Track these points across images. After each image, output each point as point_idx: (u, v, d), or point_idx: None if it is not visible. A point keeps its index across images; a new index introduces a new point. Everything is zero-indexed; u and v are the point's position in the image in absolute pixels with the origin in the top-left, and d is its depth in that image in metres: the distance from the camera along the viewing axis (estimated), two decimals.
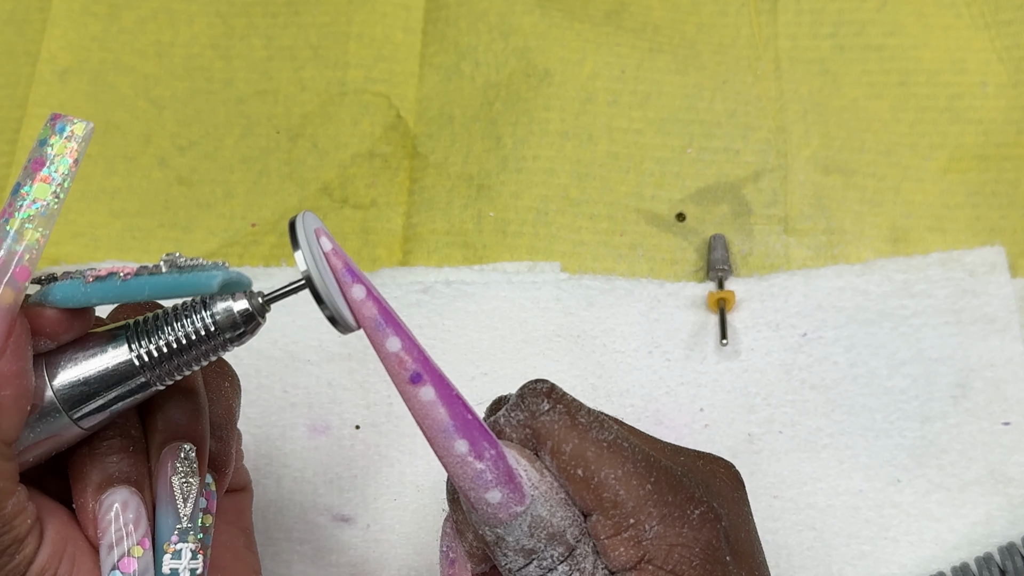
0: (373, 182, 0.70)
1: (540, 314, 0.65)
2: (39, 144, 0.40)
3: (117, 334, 0.41)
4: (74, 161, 0.40)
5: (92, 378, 0.41)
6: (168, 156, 0.72)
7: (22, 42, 0.76)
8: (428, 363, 0.39)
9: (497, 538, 0.40)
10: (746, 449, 0.61)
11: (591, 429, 0.42)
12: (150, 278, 0.39)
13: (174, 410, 0.43)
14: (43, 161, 0.39)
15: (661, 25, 0.72)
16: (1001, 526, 0.59)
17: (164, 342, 0.40)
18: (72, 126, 0.40)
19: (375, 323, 0.39)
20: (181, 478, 0.42)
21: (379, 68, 0.74)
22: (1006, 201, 0.66)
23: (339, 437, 0.63)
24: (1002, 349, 0.62)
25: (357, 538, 0.62)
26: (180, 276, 0.39)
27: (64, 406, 0.40)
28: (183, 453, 0.43)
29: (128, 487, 0.42)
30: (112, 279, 0.39)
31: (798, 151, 0.68)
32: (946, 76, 0.70)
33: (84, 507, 0.42)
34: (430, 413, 0.39)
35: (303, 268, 0.39)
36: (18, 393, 0.39)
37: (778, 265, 0.66)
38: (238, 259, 0.69)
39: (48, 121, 0.40)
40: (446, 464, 0.40)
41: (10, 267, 0.38)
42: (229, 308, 0.40)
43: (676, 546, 0.40)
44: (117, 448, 0.42)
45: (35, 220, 0.39)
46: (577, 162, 0.69)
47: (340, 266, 0.39)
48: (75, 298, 0.39)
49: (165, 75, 0.75)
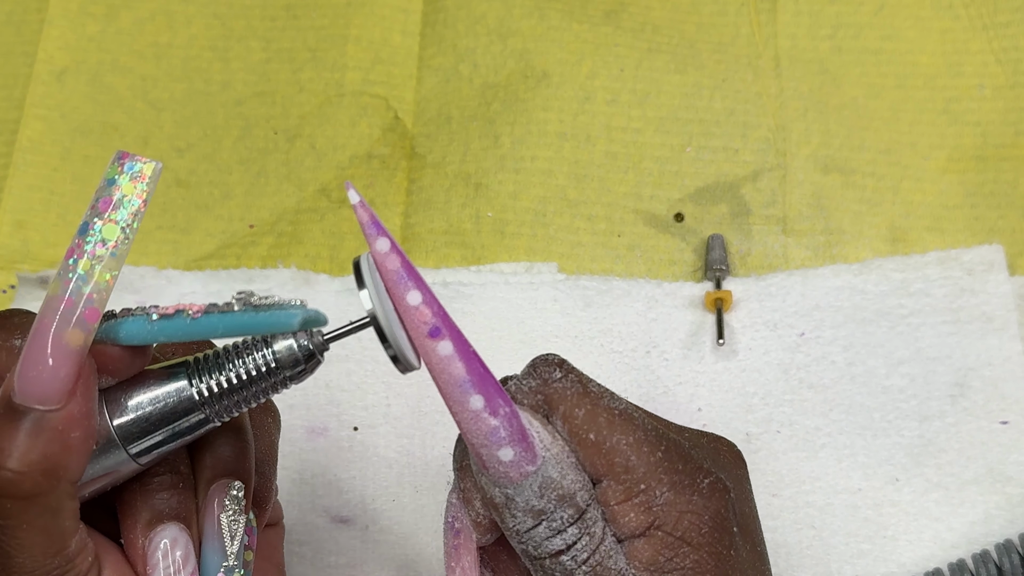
0: (371, 183, 0.70)
1: (538, 315, 0.65)
2: (106, 183, 0.39)
3: (176, 371, 0.41)
4: (143, 202, 0.39)
5: (152, 414, 0.41)
6: (166, 158, 0.72)
7: (19, 42, 0.76)
8: (447, 318, 0.39)
9: (506, 499, 0.40)
10: (744, 448, 0.61)
11: (603, 397, 0.42)
12: (223, 316, 0.39)
13: (223, 447, 0.44)
14: (111, 201, 0.39)
15: (660, 25, 0.72)
16: (999, 525, 0.59)
17: (224, 378, 0.41)
18: (142, 165, 0.39)
19: (397, 276, 0.39)
20: (229, 516, 0.43)
21: (377, 70, 0.74)
22: (1004, 201, 0.66)
23: (337, 439, 0.63)
24: (1000, 348, 0.62)
25: (356, 539, 0.61)
26: (257, 315, 0.39)
27: (124, 442, 0.40)
28: (232, 491, 0.43)
29: (177, 524, 0.42)
30: (180, 317, 0.39)
31: (797, 150, 0.68)
32: (944, 80, 0.70)
33: (134, 543, 0.42)
34: (447, 368, 0.39)
35: (368, 307, 0.39)
36: (86, 434, 0.39)
37: (776, 265, 0.66)
38: (235, 260, 0.69)
39: (116, 160, 0.39)
40: (460, 420, 0.40)
41: (79, 308, 0.38)
42: (291, 347, 0.40)
43: (686, 513, 0.41)
44: (168, 485, 0.42)
45: (104, 261, 0.38)
46: (575, 162, 0.69)
47: (367, 218, 0.39)
48: (141, 336, 0.39)
49: (163, 77, 0.75)
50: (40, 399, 0.37)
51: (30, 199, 0.72)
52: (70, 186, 0.72)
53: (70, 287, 0.38)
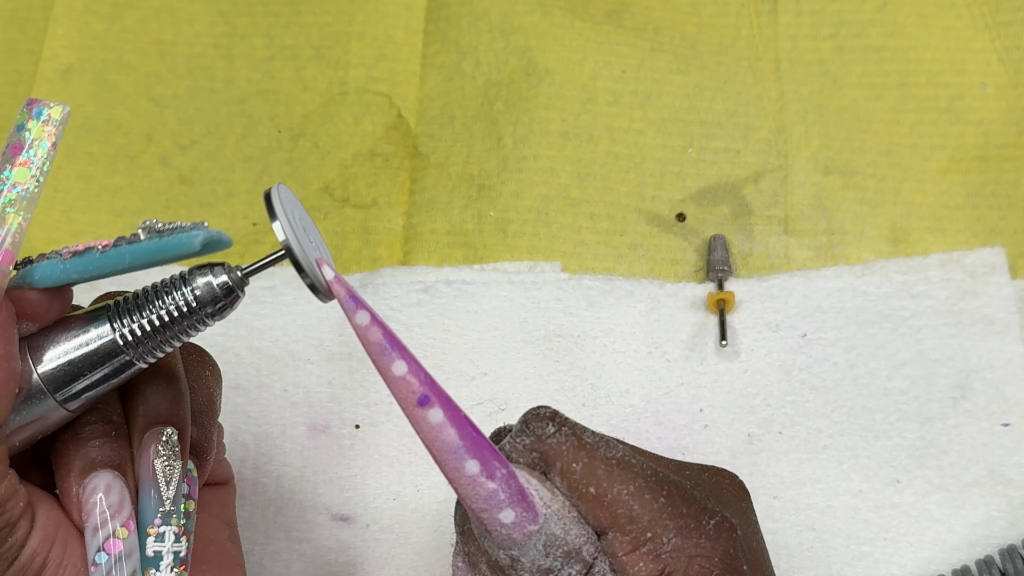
0: (374, 182, 0.71)
1: (540, 314, 0.65)
2: (16, 129, 0.39)
3: (98, 315, 0.41)
4: (52, 144, 0.39)
5: (76, 359, 0.41)
6: (170, 155, 0.73)
7: (24, 40, 0.76)
8: (435, 385, 0.39)
9: (512, 561, 0.40)
10: (746, 450, 0.61)
11: (598, 448, 0.41)
12: (130, 247, 0.39)
13: (155, 395, 0.43)
14: (21, 146, 0.39)
15: (662, 25, 0.72)
16: (1001, 527, 0.59)
17: (146, 319, 0.40)
18: (49, 110, 0.40)
19: (381, 348, 0.39)
20: (163, 461, 0.43)
21: (380, 68, 0.74)
22: (1006, 202, 0.66)
23: (339, 436, 0.63)
24: (1002, 350, 0.62)
25: (356, 537, 0.62)
26: (161, 240, 0.39)
27: (49, 388, 0.41)
28: (165, 437, 0.43)
29: (111, 471, 0.42)
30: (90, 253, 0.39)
31: (798, 151, 0.68)
32: (946, 77, 0.69)
33: (68, 491, 0.42)
34: (439, 435, 0.39)
35: (282, 238, 0.39)
36: (6, 376, 0.39)
37: (778, 266, 0.66)
38: (239, 258, 0.69)
39: (24, 106, 0.40)
40: (457, 487, 0.39)
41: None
42: (209, 282, 0.40)
43: (696, 557, 0.40)
44: (99, 433, 0.42)
45: (16, 204, 0.39)
46: (578, 162, 0.69)
47: (344, 293, 0.39)
48: (55, 277, 0.40)
49: (167, 74, 0.75)
50: None
51: None
52: (74, 183, 0.72)
53: None
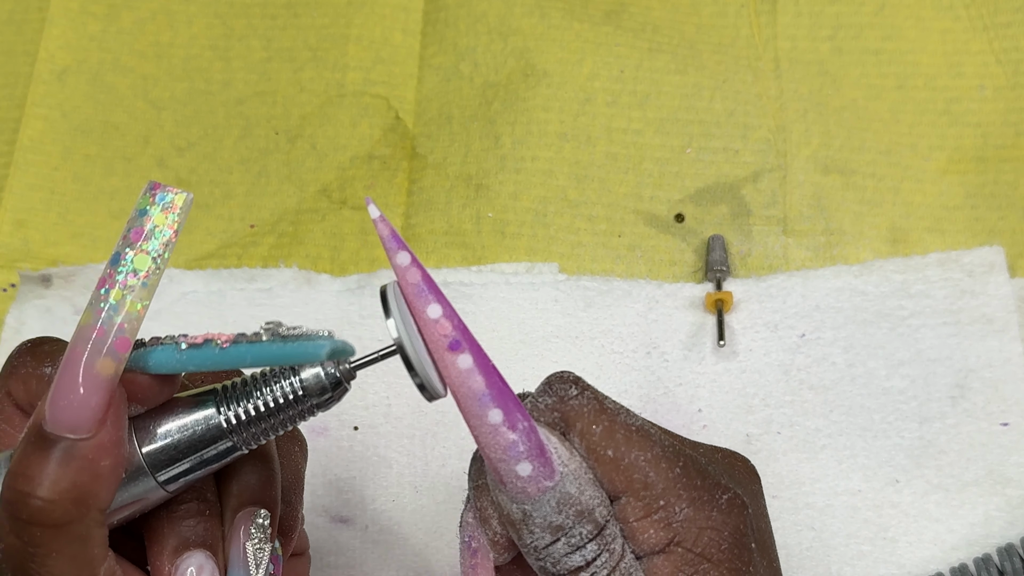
0: (372, 183, 0.70)
1: (538, 315, 0.65)
2: (138, 214, 0.39)
3: (204, 399, 0.41)
4: (174, 232, 0.39)
5: (181, 442, 0.41)
6: (167, 157, 0.72)
7: (21, 42, 0.76)
8: (467, 332, 0.39)
9: (524, 515, 0.40)
10: (744, 450, 0.61)
11: (619, 414, 0.42)
12: (251, 347, 0.39)
13: (249, 475, 0.44)
14: (142, 232, 0.39)
15: (660, 25, 0.72)
16: (999, 527, 0.59)
17: (252, 406, 0.41)
18: (173, 196, 0.39)
19: (418, 289, 0.39)
20: (255, 544, 0.43)
21: (378, 70, 0.74)
22: (1004, 203, 0.66)
23: (337, 438, 0.63)
24: (1000, 350, 0.62)
25: (355, 539, 0.62)
26: (285, 346, 0.39)
27: (152, 470, 0.41)
28: (258, 519, 0.43)
29: (204, 551, 0.42)
30: (209, 347, 0.39)
31: (798, 151, 0.68)
32: (944, 79, 0.70)
33: (160, 569, 0.42)
34: (466, 381, 0.39)
35: (395, 335, 0.39)
36: (116, 463, 0.39)
37: (777, 266, 0.66)
38: (236, 260, 0.69)
39: (147, 190, 0.39)
40: (478, 434, 0.40)
41: (110, 337, 0.38)
42: (318, 375, 0.40)
43: (706, 529, 0.40)
44: (194, 512, 0.42)
45: (136, 291, 0.39)
46: (576, 163, 0.69)
47: (387, 232, 0.39)
48: (170, 365, 0.39)
49: (164, 76, 0.75)
50: (71, 428, 0.38)
51: (31, 198, 0.72)
52: (71, 185, 0.72)
53: (102, 316, 0.38)
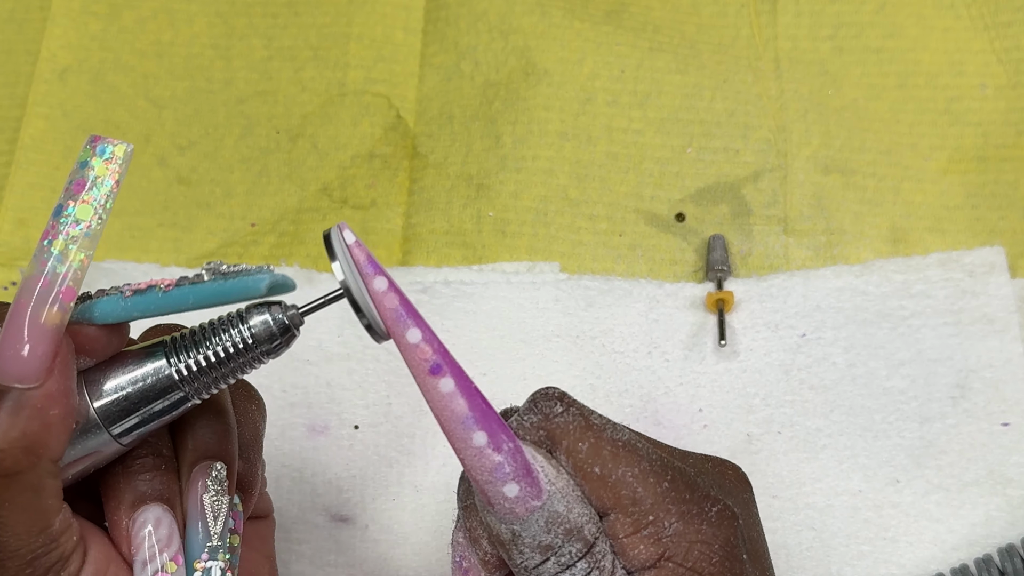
0: (373, 183, 0.70)
1: (539, 314, 0.65)
2: (79, 166, 0.40)
3: (154, 350, 0.41)
4: (115, 182, 0.40)
5: (132, 394, 0.41)
6: (168, 156, 0.72)
7: (22, 41, 0.76)
8: (447, 355, 0.39)
9: (513, 535, 0.40)
10: (745, 449, 0.61)
11: (605, 430, 0.42)
12: (193, 287, 0.40)
13: (204, 430, 0.44)
14: (84, 183, 0.39)
15: (661, 25, 0.72)
16: (1000, 527, 0.59)
17: (203, 356, 0.41)
18: (113, 147, 0.40)
19: (396, 314, 0.39)
20: (212, 496, 0.43)
21: (379, 68, 0.74)
22: (1005, 202, 0.66)
23: (338, 437, 0.63)
24: (1001, 350, 0.62)
25: (356, 538, 0.62)
26: (225, 283, 0.39)
27: (105, 422, 0.41)
28: (214, 472, 0.43)
29: (161, 504, 0.42)
30: (152, 292, 0.40)
31: (798, 150, 0.68)
32: (945, 78, 0.70)
33: (118, 524, 0.42)
34: (449, 404, 0.39)
35: (340, 278, 0.39)
36: (65, 412, 0.39)
37: (777, 266, 0.66)
38: (237, 259, 0.69)
39: (88, 143, 0.40)
40: (464, 457, 0.40)
41: (55, 288, 0.38)
42: (266, 321, 0.41)
43: (696, 543, 0.40)
44: (150, 466, 0.43)
45: (79, 241, 0.39)
46: (576, 162, 0.69)
47: (363, 259, 0.40)
48: (115, 314, 0.40)
49: (165, 75, 0.75)
50: (18, 377, 0.38)
51: (32, 197, 0.72)
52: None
53: (46, 268, 0.38)
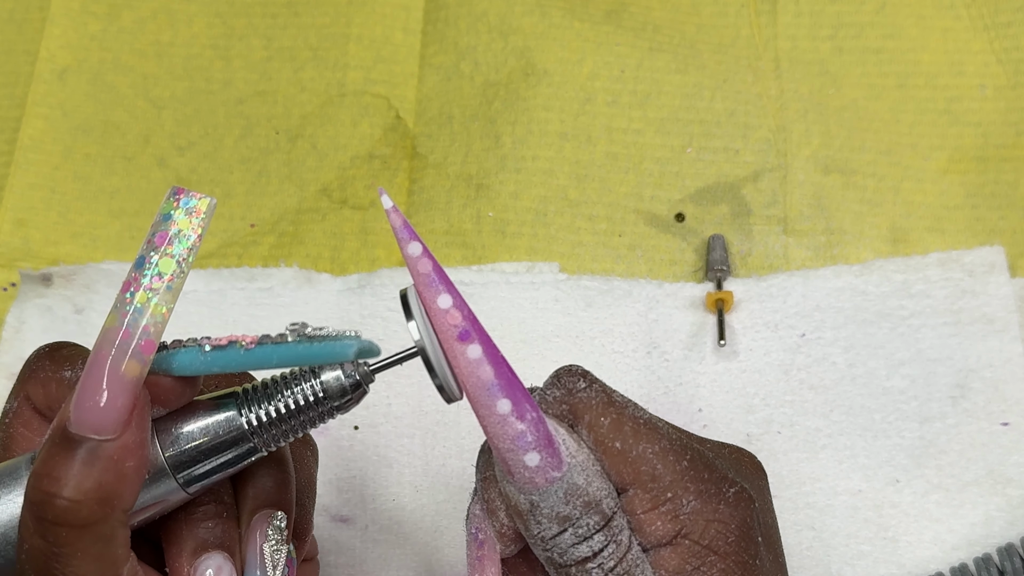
0: (372, 183, 0.70)
1: (539, 314, 0.65)
2: (162, 218, 0.40)
3: (225, 401, 0.42)
4: (198, 236, 0.40)
5: (202, 444, 0.41)
6: (167, 156, 0.72)
7: (21, 41, 0.76)
8: (476, 322, 0.40)
9: (532, 506, 0.40)
10: None
11: (627, 407, 0.42)
12: (277, 348, 0.40)
13: (265, 479, 0.44)
14: (167, 235, 0.39)
15: (661, 25, 0.72)
16: (1000, 526, 0.59)
17: (273, 408, 0.41)
18: (197, 202, 0.40)
19: (428, 279, 0.40)
20: (271, 545, 0.43)
21: (378, 69, 0.74)
22: (1005, 202, 0.66)
23: (338, 438, 0.63)
24: (1001, 350, 0.62)
25: (356, 538, 0.62)
26: (312, 346, 0.39)
27: (174, 471, 0.41)
28: (275, 521, 0.44)
29: (222, 552, 0.43)
30: (234, 348, 0.40)
31: (798, 150, 0.68)
32: (945, 79, 0.70)
33: (179, 571, 0.42)
34: (475, 371, 0.39)
35: (416, 338, 0.40)
36: (139, 464, 0.39)
37: (777, 266, 0.66)
38: (236, 259, 0.69)
39: (171, 195, 0.40)
40: (487, 424, 0.40)
41: (135, 340, 0.38)
42: (339, 377, 0.41)
43: (713, 522, 0.40)
44: (212, 514, 0.43)
45: (160, 294, 0.39)
46: (576, 163, 0.69)
47: (399, 223, 0.40)
48: (194, 367, 0.40)
49: (164, 75, 0.75)
50: (96, 429, 0.38)
51: (31, 197, 0.72)
52: (71, 184, 0.72)
53: (127, 319, 0.39)
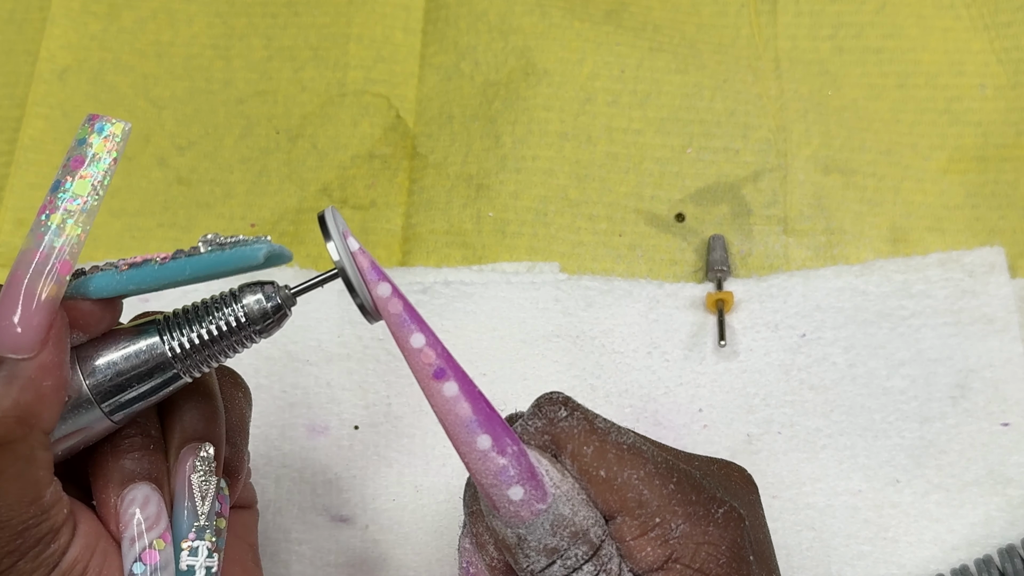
0: (372, 183, 0.70)
1: (539, 315, 0.65)
2: (77, 143, 0.40)
3: (147, 327, 0.42)
4: (113, 160, 0.41)
5: (125, 370, 0.41)
6: (167, 156, 0.72)
7: (21, 41, 0.76)
8: (451, 359, 0.40)
9: (519, 539, 0.40)
10: (745, 450, 0.61)
11: (610, 433, 0.42)
12: (190, 259, 0.40)
13: (193, 412, 0.44)
14: (83, 159, 0.40)
15: (661, 25, 0.72)
16: (1000, 527, 0.59)
17: (196, 334, 0.41)
18: (111, 126, 0.41)
19: (400, 319, 0.40)
20: (200, 477, 0.43)
21: (379, 69, 0.74)
22: (1005, 202, 0.66)
23: (338, 437, 0.63)
24: (1001, 350, 0.62)
25: (355, 538, 0.61)
26: (223, 253, 0.40)
27: (97, 398, 0.41)
28: (202, 453, 0.44)
29: (149, 483, 0.42)
30: (148, 265, 0.40)
31: (798, 150, 0.68)
32: (945, 78, 0.70)
33: (106, 503, 0.42)
34: (453, 408, 0.39)
35: (336, 258, 0.40)
36: (58, 384, 0.39)
37: (777, 266, 0.66)
38: None
39: (86, 121, 0.41)
40: (468, 461, 0.40)
41: (51, 261, 0.39)
42: (260, 300, 0.41)
43: (703, 544, 0.40)
44: (138, 446, 0.43)
45: (76, 215, 0.39)
46: (576, 162, 0.69)
47: (367, 264, 0.40)
48: (111, 288, 0.40)
49: (164, 75, 0.75)
50: (12, 348, 0.38)
51: (32, 197, 0.72)
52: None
53: (43, 241, 0.39)
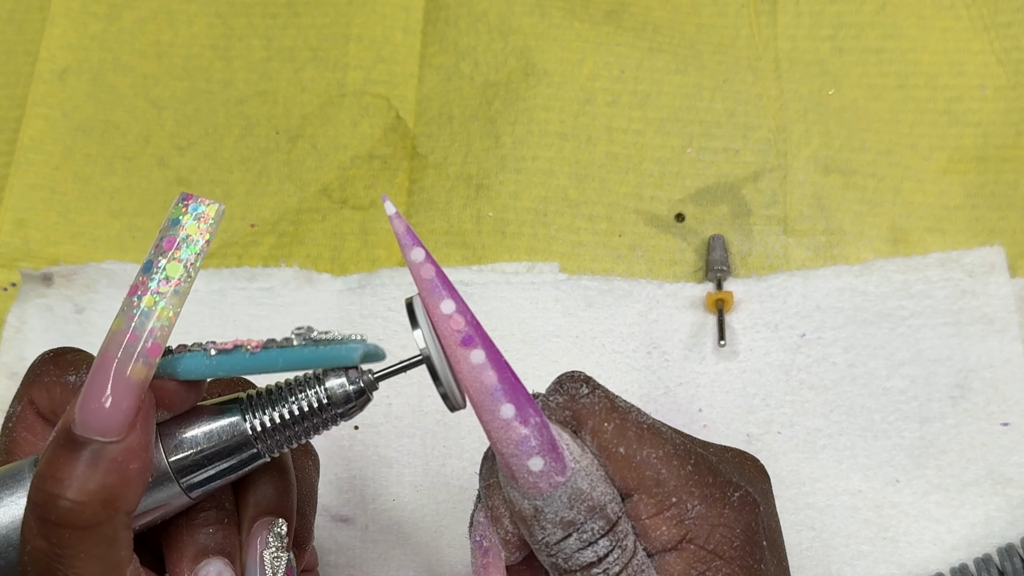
0: (372, 183, 0.70)
1: (539, 315, 0.65)
2: (170, 223, 0.40)
3: (229, 406, 0.42)
4: (206, 242, 0.40)
5: (206, 449, 0.41)
6: (167, 156, 0.72)
7: (21, 41, 0.76)
8: (479, 327, 0.40)
9: (536, 511, 0.40)
10: (744, 449, 0.61)
11: (630, 412, 0.42)
12: (282, 352, 0.40)
13: (266, 486, 0.44)
14: (175, 240, 0.40)
15: (661, 25, 0.72)
16: (1000, 527, 0.59)
17: (277, 414, 0.41)
18: (205, 208, 0.40)
19: (431, 284, 0.40)
20: (272, 553, 0.43)
21: (379, 69, 0.74)
22: (1005, 202, 0.66)
23: (338, 438, 0.63)
24: (1001, 350, 0.62)
25: (355, 538, 0.62)
26: (317, 350, 0.40)
27: (177, 475, 0.41)
28: (275, 528, 0.44)
29: (222, 558, 0.43)
30: (239, 352, 0.40)
31: (798, 151, 0.68)
32: (945, 79, 0.70)
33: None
34: (479, 376, 0.39)
35: (422, 346, 0.40)
36: (144, 466, 0.39)
37: (777, 266, 0.66)
38: (237, 259, 0.69)
39: (180, 200, 0.40)
40: (490, 429, 0.40)
41: (141, 343, 0.39)
42: (343, 384, 0.41)
43: (718, 526, 0.40)
44: (213, 520, 0.43)
45: (167, 297, 0.39)
46: (576, 163, 0.69)
47: (402, 229, 0.40)
48: (199, 371, 0.40)
49: (164, 75, 0.75)
50: (101, 431, 0.38)
51: (31, 197, 0.72)
52: (71, 185, 0.72)
53: (134, 322, 0.39)
